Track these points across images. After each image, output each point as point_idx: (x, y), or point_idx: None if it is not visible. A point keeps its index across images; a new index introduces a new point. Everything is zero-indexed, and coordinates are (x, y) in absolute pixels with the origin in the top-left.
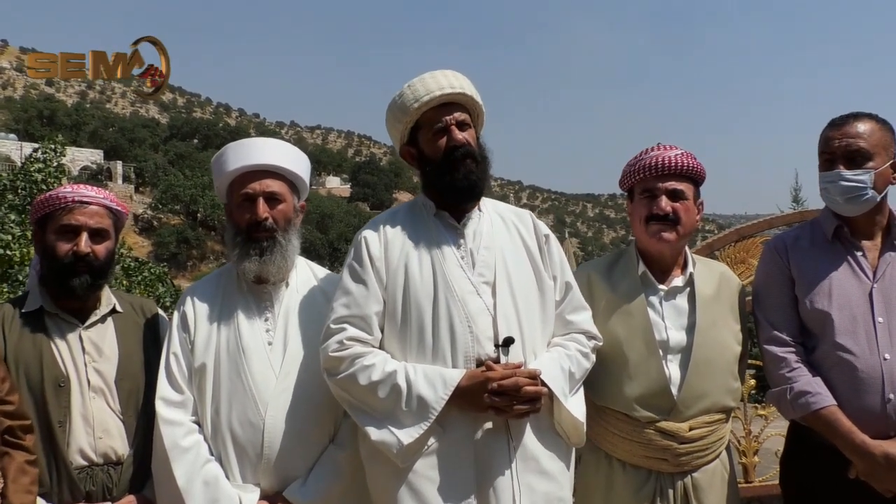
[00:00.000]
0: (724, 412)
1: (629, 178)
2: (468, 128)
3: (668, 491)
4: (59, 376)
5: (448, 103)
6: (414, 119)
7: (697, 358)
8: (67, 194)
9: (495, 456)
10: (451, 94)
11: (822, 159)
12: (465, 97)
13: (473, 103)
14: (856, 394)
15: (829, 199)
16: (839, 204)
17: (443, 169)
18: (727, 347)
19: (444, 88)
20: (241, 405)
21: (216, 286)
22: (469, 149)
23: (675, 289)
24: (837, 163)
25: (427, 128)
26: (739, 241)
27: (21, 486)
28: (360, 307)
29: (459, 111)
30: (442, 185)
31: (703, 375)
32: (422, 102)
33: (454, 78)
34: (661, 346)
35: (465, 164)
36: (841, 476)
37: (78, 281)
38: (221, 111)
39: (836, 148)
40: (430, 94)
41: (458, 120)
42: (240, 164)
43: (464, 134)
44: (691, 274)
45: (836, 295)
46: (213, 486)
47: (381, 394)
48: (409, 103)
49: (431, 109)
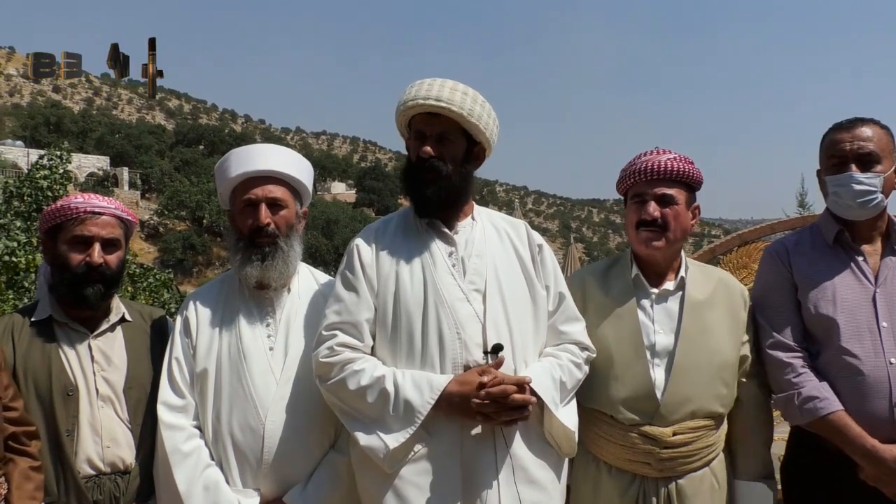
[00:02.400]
0: (711, 418)
1: (623, 182)
2: (448, 143)
3: (652, 497)
4: (68, 385)
5: (437, 114)
6: (405, 120)
7: (681, 363)
8: (79, 205)
9: (482, 464)
10: (434, 107)
11: (831, 163)
12: (449, 112)
13: (465, 122)
14: (862, 399)
15: (839, 202)
16: (851, 208)
17: (408, 177)
18: (717, 353)
19: (429, 99)
20: (241, 410)
21: (218, 292)
22: (434, 163)
23: (667, 292)
24: (848, 165)
25: (413, 130)
26: (742, 245)
27: (25, 493)
28: (351, 314)
29: (444, 124)
30: (406, 193)
31: (688, 380)
32: (406, 106)
33: (449, 91)
34: (649, 350)
35: (426, 178)
36: (843, 482)
37: (91, 290)
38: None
39: (847, 151)
40: (414, 101)
41: (438, 132)
42: (242, 169)
43: (440, 147)
44: (682, 278)
45: (840, 300)
46: (214, 491)
47: (370, 398)
48: (401, 103)
49: (420, 115)
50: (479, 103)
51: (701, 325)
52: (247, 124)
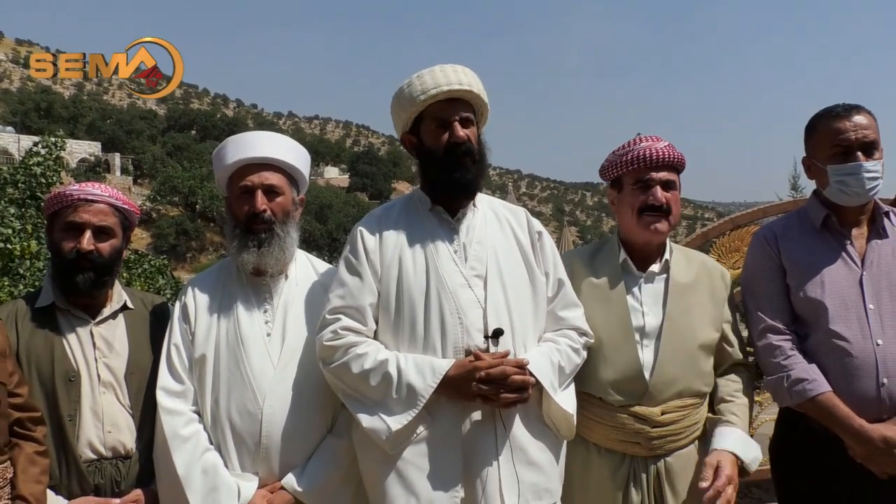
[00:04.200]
0: (697, 397)
1: (616, 168)
2: (471, 125)
3: (642, 475)
4: (70, 371)
5: (455, 99)
6: (419, 109)
7: (667, 343)
8: (73, 192)
9: (483, 445)
10: (459, 91)
11: (833, 152)
12: (471, 94)
13: (479, 102)
14: (850, 379)
15: (846, 191)
16: (858, 196)
17: (442, 165)
18: (700, 334)
19: (453, 84)
20: (239, 395)
21: (216, 278)
22: (469, 146)
23: (652, 274)
24: (854, 154)
25: (430, 119)
26: (734, 229)
27: (31, 476)
28: (354, 298)
29: (464, 107)
30: (439, 181)
31: (674, 361)
32: (429, 95)
33: (463, 74)
34: (638, 332)
35: (463, 161)
36: (830, 462)
37: (81, 277)
38: (219, 102)
39: (853, 140)
40: (437, 88)
41: (462, 117)
42: (239, 156)
43: (466, 131)
44: (667, 261)
45: (828, 283)
46: (212, 475)
47: (373, 382)
48: (416, 94)
49: (437, 102)
50: (480, 81)
51: (684, 307)
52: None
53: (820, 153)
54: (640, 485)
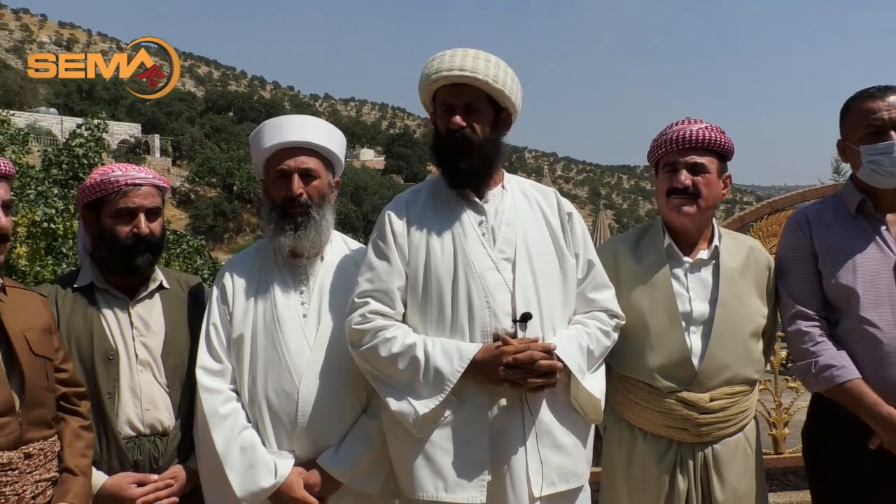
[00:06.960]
0: (746, 384)
1: (654, 152)
2: (476, 112)
3: (689, 461)
4: (109, 349)
5: (463, 84)
6: (431, 92)
7: (719, 330)
8: (119, 178)
9: (510, 429)
10: (460, 77)
11: (866, 132)
12: (477, 81)
13: (492, 89)
14: (880, 367)
15: (879, 170)
16: (891, 175)
17: (439, 150)
18: (750, 320)
19: (454, 70)
20: (276, 375)
21: (254, 260)
22: (465, 133)
23: (700, 261)
24: (888, 133)
25: (439, 104)
26: (772, 214)
27: (76, 450)
28: (383, 282)
29: (472, 94)
30: (439, 167)
31: (725, 347)
32: (431, 80)
33: (473, 60)
34: (685, 318)
35: (460, 148)
36: (862, 448)
37: (141, 259)
38: (256, 84)
39: (886, 119)
40: (438, 73)
41: (464, 103)
42: (276, 140)
43: (467, 118)
44: (716, 247)
45: (860, 269)
46: (250, 452)
47: (401, 365)
48: (423, 77)
49: (445, 87)
50: (501, 69)
51: (735, 293)
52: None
53: (853, 134)
54: (687, 471)
